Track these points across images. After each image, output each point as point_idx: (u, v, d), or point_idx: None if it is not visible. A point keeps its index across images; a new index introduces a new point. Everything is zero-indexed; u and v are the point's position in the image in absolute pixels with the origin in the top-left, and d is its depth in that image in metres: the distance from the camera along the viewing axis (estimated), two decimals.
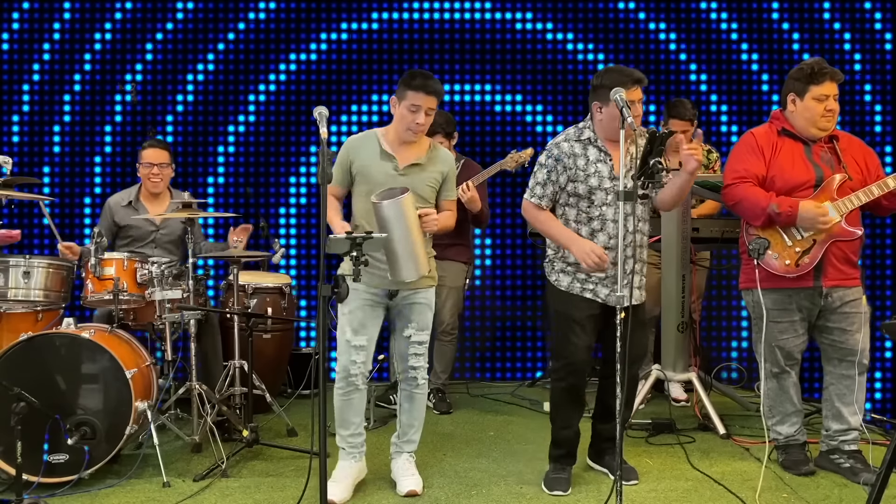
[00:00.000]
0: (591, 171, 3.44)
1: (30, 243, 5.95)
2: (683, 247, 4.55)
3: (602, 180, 3.43)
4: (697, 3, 6.01)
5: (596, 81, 3.45)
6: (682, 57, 6.02)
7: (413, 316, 3.53)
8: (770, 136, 3.71)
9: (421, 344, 3.57)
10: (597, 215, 3.44)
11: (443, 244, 4.84)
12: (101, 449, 3.59)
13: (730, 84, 6.03)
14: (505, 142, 6.00)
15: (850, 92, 5.94)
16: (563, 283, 3.51)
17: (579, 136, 3.49)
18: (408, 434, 3.66)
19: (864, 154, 3.74)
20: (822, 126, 3.64)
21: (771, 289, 3.65)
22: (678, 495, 3.50)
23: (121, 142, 6.02)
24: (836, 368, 3.74)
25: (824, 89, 3.61)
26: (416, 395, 3.63)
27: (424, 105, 3.41)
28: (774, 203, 3.56)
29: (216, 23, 6.03)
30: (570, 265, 3.49)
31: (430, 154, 3.54)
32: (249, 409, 4.17)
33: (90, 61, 6.00)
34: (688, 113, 4.89)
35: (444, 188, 3.57)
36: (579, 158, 3.45)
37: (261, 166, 6.03)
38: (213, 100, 6.04)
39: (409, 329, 3.54)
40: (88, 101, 6.01)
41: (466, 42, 6.05)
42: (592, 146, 3.47)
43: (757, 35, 6.00)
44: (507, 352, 6.06)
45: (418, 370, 3.59)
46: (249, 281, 4.82)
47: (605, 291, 3.45)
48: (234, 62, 6.04)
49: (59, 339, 3.66)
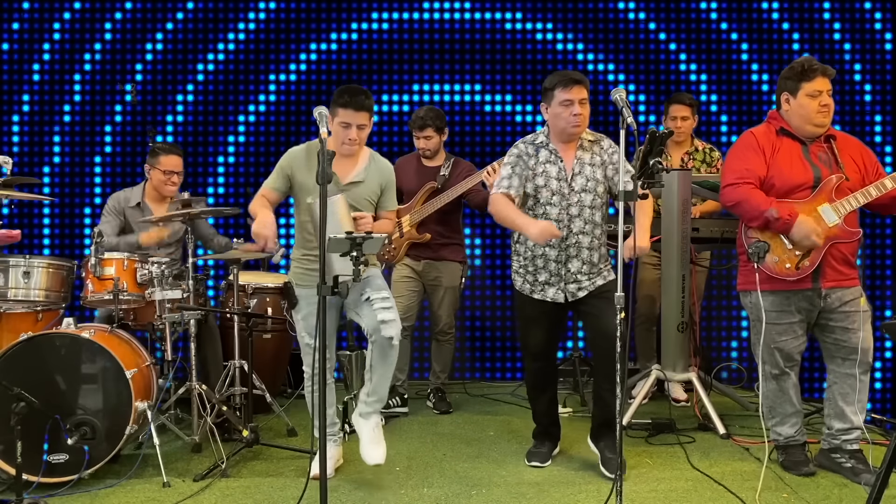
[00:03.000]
0: (539, 170, 3.69)
1: (30, 243, 5.95)
2: (683, 247, 4.55)
3: (549, 180, 3.68)
4: (697, 4, 6.01)
5: (544, 85, 3.70)
6: (681, 57, 6.02)
7: (363, 287, 3.56)
8: (769, 136, 3.71)
9: (384, 298, 3.56)
10: (541, 213, 3.68)
11: (438, 244, 4.88)
12: (101, 449, 3.59)
13: (729, 84, 6.02)
14: (495, 141, 6.02)
15: (849, 92, 5.95)
16: (517, 283, 3.83)
17: (533, 140, 3.76)
18: (378, 392, 3.61)
19: (862, 153, 3.73)
20: (819, 122, 3.64)
21: (769, 291, 3.65)
22: (678, 495, 3.50)
23: (121, 142, 6.02)
24: (840, 367, 3.73)
25: (816, 85, 3.61)
26: (390, 355, 3.55)
27: (354, 121, 3.54)
28: (774, 209, 3.56)
29: (216, 23, 6.03)
30: (521, 268, 3.80)
31: (368, 169, 3.67)
32: (249, 409, 4.17)
33: (90, 62, 6.01)
34: (687, 98, 5.07)
35: (382, 200, 3.73)
36: (531, 158, 3.72)
37: (261, 167, 6.03)
38: (213, 100, 6.05)
39: (366, 293, 3.56)
40: (88, 102, 6.02)
41: (456, 42, 6.05)
42: (544, 149, 3.72)
43: (756, 35, 6.00)
44: (507, 352, 6.06)
45: (390, 324, 3.50)
46: (249, 281, 4.83)
47: (552, 291, 3.73)
48: (234, 62, 6.05)
49: (59, 339, 3.66)
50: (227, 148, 6.06)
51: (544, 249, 3.69)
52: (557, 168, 3.67)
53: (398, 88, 6.05)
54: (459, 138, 6.01)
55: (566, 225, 3.66)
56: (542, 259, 3.71)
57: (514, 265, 3.84)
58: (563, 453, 4.06)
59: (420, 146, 4.90)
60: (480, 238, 6.02)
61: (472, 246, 5.98)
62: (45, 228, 6.00)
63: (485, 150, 5.97)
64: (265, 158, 6.04)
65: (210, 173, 6.06)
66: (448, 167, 4.87)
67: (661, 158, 3.03)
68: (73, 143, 6.01)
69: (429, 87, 6.04)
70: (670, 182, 4.48)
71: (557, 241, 3.65)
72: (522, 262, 3.78)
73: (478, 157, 5.86)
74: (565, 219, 3.66)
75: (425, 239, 4.84)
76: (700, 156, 5.09)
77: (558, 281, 3.70)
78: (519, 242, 3.80)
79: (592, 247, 3.69)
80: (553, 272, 3.70)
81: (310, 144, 3.67)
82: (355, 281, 3.09)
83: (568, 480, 3.69)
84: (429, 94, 6.04)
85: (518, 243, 3.80)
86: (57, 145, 6.00)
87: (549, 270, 3.71)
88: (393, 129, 6.06)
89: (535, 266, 3.74)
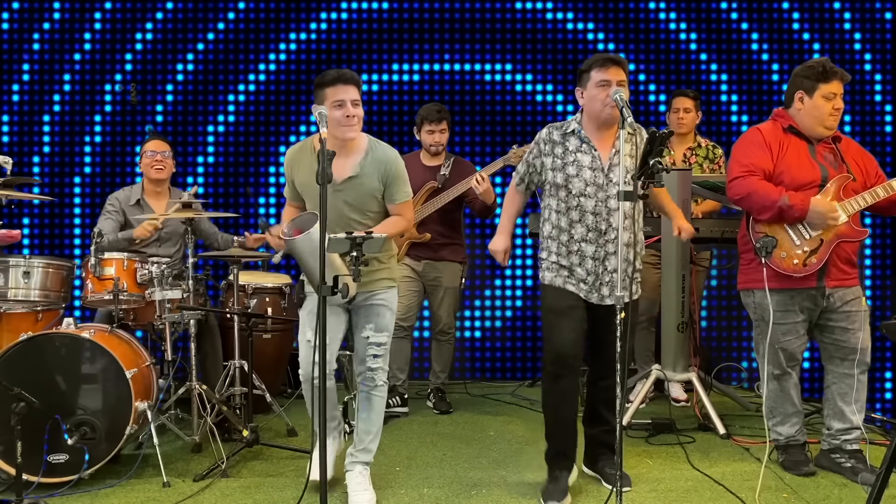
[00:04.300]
0: (570, 160, 3.42)
1: (30, 243, 5.95)
2: (683, 247, 4.55)
3: (581, 170, 3.40)
4: (718, 3, 6.00)
5: (580, 69, 3.47)
6: (692, 47, 6.01)
7: (371, 317, 3.43)
8: (776, 133, 3.71)
9: (379, 346, 3.44)
10: (574, 205, 3.40)
11: (437, 244, 4.87)
12: (101, 449, 3.59)
13: (750, 84, 6.00)
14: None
15: (860, 92, 5.93)
16: (546, 278, 3.51)
17: (563, 127, 3.49)
18: (364, 442, 3.47)
19: (864, 157, 3.76)
20: (829, 125, 3.66)
21: (774, 289, 3.64)
22: (678, 495, 3.50)
23: (110, 141, 6.00)
24: (839, 368, 3.73)
25: (833, 87, 3.63)
26: (374, 398, 3.47)
27: (347, 97, 3.24)
28: (786, 195, 3.55)
29: (195, 22, 6.02)
30: (553, 263, 3.48)
31: (364, 162, 3.36)
32: (249, 409, 4.17)
33: (79, 61, 5.99)
34: (691, 92, 5.14)
35: (388, 192, 3.39)
36: (557, 146, 3.45)
37: (261, 167, 6.03)
38: (192, 100, 6.01)
39: (367, 330, 3.43)
40: (78, 101, 5.99)
41: (477, 22, 6.02)
42: (574, 136, 3.45)
43: (767, 25, 5.98)
44: (507, 352, 6.06)
45: (376, 372, 3.44)
46: (249, 281, 4.83)
47: (585, 289, 3.44)
48: (213, 62, 6.03)
49: (59, 339, 3.66)
50: (206, 148, 6.04)
51: (580, 245, 3.41)
52: (591, 157, 3.39)
53: (387, 68, 6.02)
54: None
55: (605, 218, 3.38)
56: (577, 255, 3.42)
57: (546, 260, 3.51)
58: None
59: (433, 140, 4.84)
60: (480, 238, 6.01)
61: (473, 246, 5.98)
62: (45, 228, 5.98)
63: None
64: (264, 158, 6.03)
65: (189, 172, 6.02)
66: (448, 166, 4.86)
67: (662, 158, 3.03)
68: (63, 143, 5.98)
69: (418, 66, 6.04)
70: (670, 182, 4.47)
71: (595, 235, 3.38)
72: (555, 257, 3.47)
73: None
74: (603, 212, 3.37)
75: (425, 239, 4.84)
76: (703, 152, 5.10)
77: (594, 280, 3.41)
78: (551, 238, 3.48)
79: (630, 243, 3.39)
80: (590, 270, 3.41)
81: (304, 142, 3.47)
82: (355, 281, 3.07)
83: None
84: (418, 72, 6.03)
85: (550, 239, 3.49)
86: (46, 145, 5.97)
87: (586, 268, 3.41)
88: (383, 108, 6.04)
89: (569, 262, 3.43)
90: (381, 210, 3.44)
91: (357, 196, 3.36)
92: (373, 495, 3.41)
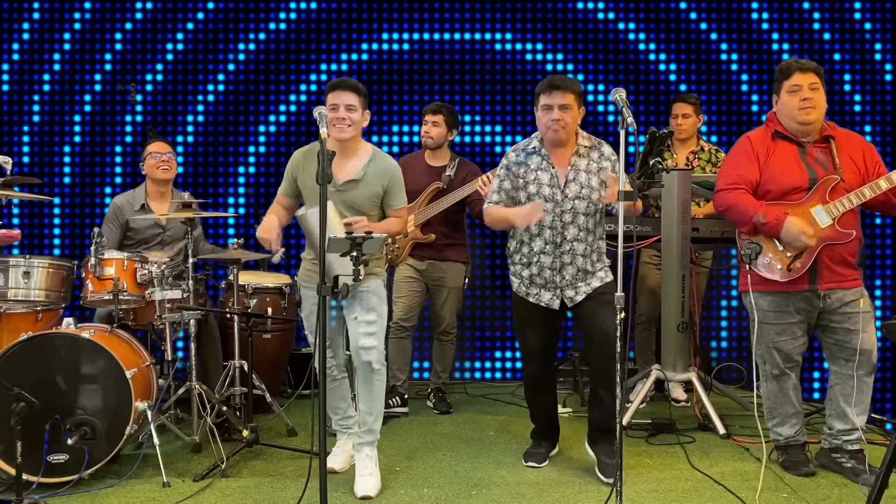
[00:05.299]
0: (531, 178, 3.66)
1: (30, 243, 5.95)
2: (683, 247, 4.55)
3: (541, 187, 3.64)
4: (687, 14, 5.97)
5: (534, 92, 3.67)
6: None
7: (357, 304, 3.57)
8: (764, 140, 3.71)
9: (369, 323, 3.54)
10: (534, 220, 3.56)
11: (441, 245, 4.88)
12: (101, 449, 3.59)
13: (719, 94, 6.00)
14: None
15: (839, 102, 5.90)
16: (514, 285, 3.81)
17: (525, 147, 3.73)
18: (368, 423, 3.62)
19: (864, 152, 3.68)
20: (802, 119, 3.61)
21: (767, 292, 3.65)
22: (678, 495, 3.50)
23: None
24: (843, 368, 3.72)
25: (794, 80, 3.61)
26: (373, 381, 3.59)
27: (341, 101, 3.48)
28: (761, 213, 3.57)
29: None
30: (517, 273, 3.78)
31: (368, 167, 3.57)
32: (249, 409, 4.17)
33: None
34: (691, 98, 5.16)
35: (388, 198, 3.62)
36: (522, 167, 3.69)
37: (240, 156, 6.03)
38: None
39: (355, 312, 3.57)
40: (108, 101, 6.00)
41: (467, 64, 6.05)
42: (536, 155, 3.68)
43: (746, 45, 5.98)
44: (506, 352, 6.06)
45: (370, 351, 3.53)
46: (249, 281, 4.82)
47: (547, 296, 3.71)
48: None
49: (59, 339, 3.66)
50: (247, 158, 6.05)
51: (539, 256, 3.67)
52: (549, 175, 3.64)
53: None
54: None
55: (559, 232, 3.63)
56: (536, 266, 3.69)
57: (512, 268, 3.83)
58: (562, 454, 4.06)
59: (424, 131, 4.86)
60: (481, 238, 6.01)
61: (474, 246, 5.98)
62: (45, 228, 5.99)
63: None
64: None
65: (231, 183, 6.04)
66: (453, 168, 4.86)
67: (662, 158, 3.04)
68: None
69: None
70: (670, 182, 4.48)
71: (552, 248, 3.65)
72: (519, 267, 3.76)
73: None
74: (559, 226, 3.63)
75: (430, 239, 4.84)
76: (706, 156, 5.10)
77: (553, 287, 3.68)
78: (515, 251, 3.77)
79: (587, 254, 3.66)
80: (548, 279, 3.68)
81: (311, 146, 3.66)
82: (355, 281, 3.08)
83: (568, 481, 3.69)
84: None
85: (515, 252, 3.78)
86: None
87: (545, 277, 3.68)
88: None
89: (530, 272, 3.72)
90: (375, 213, 3.63)
91: (355, 199, 3.55)
92: (378, 480, 3.55)
